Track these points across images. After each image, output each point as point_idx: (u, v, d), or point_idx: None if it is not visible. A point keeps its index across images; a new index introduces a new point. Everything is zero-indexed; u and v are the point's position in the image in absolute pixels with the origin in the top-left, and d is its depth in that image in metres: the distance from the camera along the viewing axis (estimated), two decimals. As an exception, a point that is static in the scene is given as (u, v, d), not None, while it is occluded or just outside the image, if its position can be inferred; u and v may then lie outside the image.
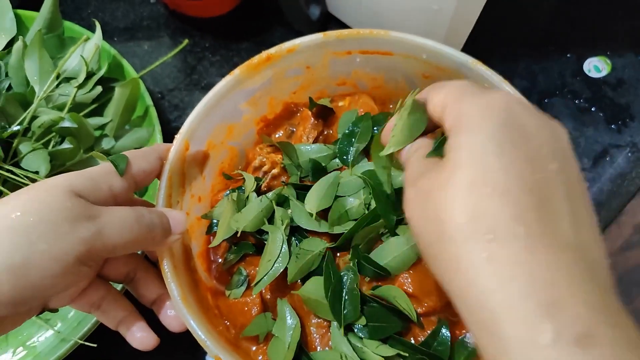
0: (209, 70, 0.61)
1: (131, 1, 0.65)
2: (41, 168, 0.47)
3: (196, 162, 0.41)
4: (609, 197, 0.53)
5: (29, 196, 0.28)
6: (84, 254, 0.27)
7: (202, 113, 0.39)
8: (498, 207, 0.21)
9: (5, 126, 0.48)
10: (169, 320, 0.35)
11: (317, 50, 0.41)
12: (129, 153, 0.34)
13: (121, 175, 0.32)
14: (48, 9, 0.53)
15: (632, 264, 1.20)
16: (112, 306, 0.34)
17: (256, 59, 0.40)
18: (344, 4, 0.56)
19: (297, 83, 0.43)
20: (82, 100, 0.51)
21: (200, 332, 0.32)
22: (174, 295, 0.33)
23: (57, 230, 0.27)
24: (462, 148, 0.22)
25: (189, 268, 0.38)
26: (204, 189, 0.43)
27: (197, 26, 0.62)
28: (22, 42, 0.50)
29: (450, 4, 0.45)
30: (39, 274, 0.26)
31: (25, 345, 0.49)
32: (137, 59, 0.61)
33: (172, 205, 0.38)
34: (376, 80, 0.44)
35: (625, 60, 0.58)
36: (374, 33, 0.39)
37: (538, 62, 0.58)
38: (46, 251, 0.26)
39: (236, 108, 0.42)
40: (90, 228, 0.28)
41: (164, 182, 0.37)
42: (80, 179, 0.30)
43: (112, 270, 0.35)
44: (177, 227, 0.34)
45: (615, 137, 0.54)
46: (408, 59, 0.40)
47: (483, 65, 0.38)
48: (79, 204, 0.28)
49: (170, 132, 0.58)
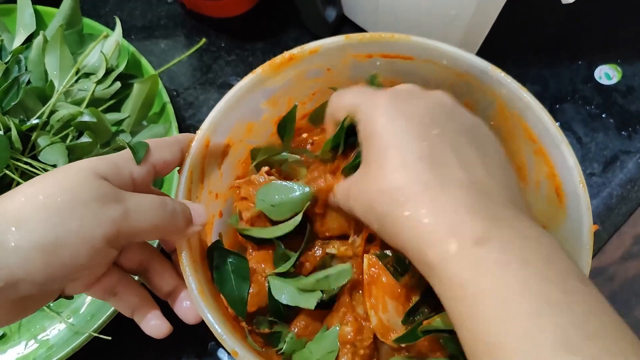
0: (224, 69, 0.61)
1: (149, 0, 0.65)
2: (59, 161, 0.48)
3: (215, 159, 0.41)
4: (619, 202, 0.53)
5: (56, 178, 0.28)
6: (113, 235, 0.28)
7: (223, 109, 0.39)
8: (413, 173, 0.27)
9: (24, 119, 0.49)
10: (184, 311, 0.35)
11: (339, 52, 0.41)
12: (151, 141, 0.34)
13: (138, 163, 0.32)
14: (68, 5, 0.54)
15: (632, 275, 1.21)
16: (127, 292, 0.34)
17: (279, 59, 0.40)
18: (360, 7, 0.57)
19: (317, 85, 0.44)
20: (100, 95, 0.51)
21: (217, 326, 0.33)
22: (191, 288, 0.34)
23: (87, 210, 0.27)
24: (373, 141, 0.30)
25: (205, 262, 0.39)
26: (221, 185, 0.43)
27: (214, 26, 0.63)
28: (42, 37, 0.51)
29: (468, 9, 0.46)
30: (70, 253, 0.26)
31: (37, 338, 0.49)
32: (154, 57, 0.62)
33: (192, 200, 0.38)
34: (394, 84, 0.44)
35: (636, 68, 0.58)
36: (396, 37, 0.40)
37: (550, 68, 0.59)
38: (77, 230, 0.26)
39: (257, 107, 0.42)
40: (118, 209, 0.28)
41: (185, 176, 0.37)
42: (103, 162, 0.30)
43: (126, 259, 0.35)
44: (198, 219, 0.34)
45: (625, 144, 0.55)
46: (428, 64, 0.41)
47: (503, 72, 0.38)
48: (105, 185, 0.29)
49: (185, 129, 0.59)
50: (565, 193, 0.37)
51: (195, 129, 0.59)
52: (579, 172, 0.35)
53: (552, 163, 0.37)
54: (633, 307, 1.18)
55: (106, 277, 0.33)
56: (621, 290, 1.19)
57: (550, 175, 0.38)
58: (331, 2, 0.58)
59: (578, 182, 0.35)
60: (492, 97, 0.40)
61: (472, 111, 0.42)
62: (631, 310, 1.17)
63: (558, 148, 0.36)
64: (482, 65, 0.39)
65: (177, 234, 0.34)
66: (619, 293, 1.18)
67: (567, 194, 0.36)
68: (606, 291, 1.11)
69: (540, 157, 0.38)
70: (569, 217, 0.36)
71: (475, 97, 0.41)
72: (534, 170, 0.40)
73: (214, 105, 0.59)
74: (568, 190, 0.36)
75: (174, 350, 0.50)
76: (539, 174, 0.39)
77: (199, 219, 0.34)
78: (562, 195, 0.37)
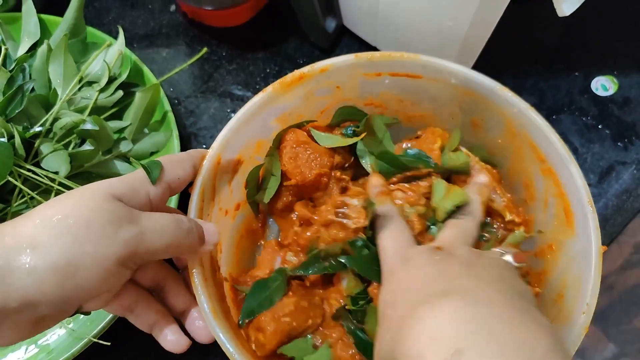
0: (225, 78, 0.62)
1: (151, 9, 0.66)
2: (61, 168, 0.48)
3: (226, 175, 0.42)
4: (614, 213, 0.54)
5: (72, 200, 0.28)
6: (127, 256, 0.28)
7: (235, 127, 0.40)
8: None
9: (28, 127, 0.50)
10: (197, 330, 0.36)
11: (349, 71, 0.42)
12: (164, 159, 0.34)
13: (153, 183, 0.33)
14: (72, 14, 0.54)
15: (631, 283, 1.21)
16: (145, 309, 0.35)
17: (289, 77, 0.41)
18: (360, 18, 0.58)
19: (326, 102, 0.44)
20: (103, 103, 0.52)
21: (229, 345, 0.33)
22: (203, 308, 0.34)
23: (102, 233, 0.27)
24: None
25: (216, 280, 0.39)
26: (231, 202, 0.43)
27: (215, 35, 0.64)
28: (47, 46, 0.52)
29: (465, 21, 0.46)
30: (84, 275, 0.27)
31: (37, 343, 0.49)
32: (156, 65, 0.62)
33: (203, 218, 0.38)
34: (403, 102, 0.45)
35: (632, 80, 0.59)
36: (405, 56, 0.41)
37: (547, 80, 0.59)
38: (91, 253, 0.27)
39: (266, 124, 0.43)
40: (133, 230, 0.29)
41: (196, 195, 0.37)
42: (120, 184, 0.31)
43: (143, 276, 0.36)
44: (211, 238, 0.35)
45: (621, 155, 0.56)
46: (436, 82, 0.42)
47: (510, 92, 0.39)
48: (120, 207, 0.29)
49: (186, 137, 0.59)
50: (573, 213, 0.37)
51: (196, 136, 0.59)
52: (587, 193, 0.36)
53: (561, 183, 0.38)
54: (633, 316, 1.18)
55: (124, 294, 0.34)
56: (620, 299, 1.18)
57: (558, 194, 0.38)
58: (331, 12, 0.59)
59: (586, 202, 0.36)
60: (500, 116, 0.40)
61: (480, 129, 0.43)
62: (631, 319, 1.17)
63: (567, 168, 0.37)
64: (490, 85, 0.39)
65: (191, 253, 0.34)
66: (618, 302, 1.18)
67: (576, 214, 0.37)
68: (606, 301, 1.11)
69: (548, 176, 0.39)
70: (578, 236, 0.37)
71: (484, 115, 0.42)
72: (542, 189, 0.40)
73: (215, 113, 0.61)
74: (576, 210, 0.37)
75: (176, 356, 0.50)
76: (547, 193, 0.40)
77: (211, 239, 0.35)
78: (570, 215, 0.37)
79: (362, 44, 0.62)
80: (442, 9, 0.47)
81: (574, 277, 0.35)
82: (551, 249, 0.39)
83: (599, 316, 1.12)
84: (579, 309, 0.34)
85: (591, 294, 0.33)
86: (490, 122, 0.42)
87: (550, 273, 0.39)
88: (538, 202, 0.41)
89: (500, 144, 0.43)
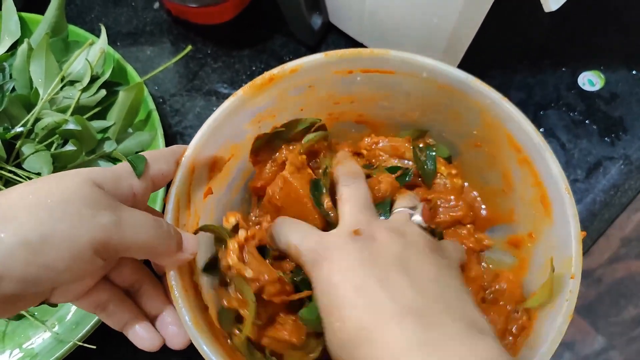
0: (211, 76, 0.61)
1: (134, 7, 0.65)
2: (43, 169, 0.48)
3: (201, 183, 0.41)
4: (602, 208, 0.54)
5: (52, 180, 0.28)
6: (101, 243, 0.27)
7: (207, 134, 0.39)
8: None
9: (9, 127, 0.49)
10: (170, 336, 0.35)
11: (320, 69, 0.41)
12: (148, 154, 0.34)
13: (139, 177, 0.32)
14: (53, 12, 0.53)
15: (619, 276, 1.22)
16: (118, 309, 0.34)
17: (259, 80, 0.40)
18: (346, 15, 0.58)
19: (302, 100, 0.44)
20: (85, 103, 0.51)
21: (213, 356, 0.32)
22: (185, 320, 0.33)
23: (78, 213, 0.27)
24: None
25: (193, 285, 0.38)
26: (207, 208, 0.43)
27: (200, 33, 0.63)
28: (27, 45, 0.51)
29: (451, 17, 0.46)
30: (54, 254, 0.26)
31: (22, 347, 0.49)
32: (140, 64, 0.62)
33: (180, 228, 0.37)
34: (375, 98, 0.45)
35: (618, 75, 0.59)
36: (375, 52, 0.40)
37: (534, 76, 0.59)
38: (64, 232, 0.26)
39: (240, 128, 0.42)
40: (111, 217, 0.28)
41: (171, 205, 0.36)
42: (102, 172, 0.30)
43: (119, 276, 0.35)
44: (190, 247, 0.34)
45: (608, 150, 0.56)
46: (409, 77, 0.41)
47: (483, 83, 0.39)
48: (101, 193, 0.29)
49: (171, 136, 0.59)
50: (550, 201, 0.37)
51: (182, 135, 0.59)
52: (564, 180, 0.36)
53: (537, 172, 0.38)
54: (621, 308, 1.19)
55: (96, 291, 0.33)
56: (609, 292, 1.20)
57: (535, 183, 0.38)
58: (317, 9, 0.58)
59: (563, 189, 0.36)
60: (476, 108, 0.40)
61: (457, 122, 0.43)
62: (620, 312, 1.18)
63: (542, 157, 0.37)
64: (462, 77, 0.39)
65: (167, 256, 0.33)
66: (606, 295, 1.19)
67: (553, 202, 0.37)
68: (594, 293, 1.12)
69: (525, 166, 0.39)
70: (555, 225, 0.37)
71: (459, 108, 0.41)
72: (519, 179, 0.40)
73: (201, 112, 0.60)
74: (553, 198, 0.37)
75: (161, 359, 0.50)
76: (525, 183, 0.40)
77: (190, 248, 0.34)
78: (547, 204, 0.37)
79: (349, 41, 0.61)
80: (428, 5, 0.47)
81: (555, 265, 0.36)
82: (531, 237, 0.40)
83: (588, 309, 1.13)
84: (562, 297, 0.34)
85: (573, 281, 0.34)
86: (467, 114, 0.41)
87: (531, 261, 0.39)
88: (516, 192, 0.41)
89: (477, 136, 0.43)
